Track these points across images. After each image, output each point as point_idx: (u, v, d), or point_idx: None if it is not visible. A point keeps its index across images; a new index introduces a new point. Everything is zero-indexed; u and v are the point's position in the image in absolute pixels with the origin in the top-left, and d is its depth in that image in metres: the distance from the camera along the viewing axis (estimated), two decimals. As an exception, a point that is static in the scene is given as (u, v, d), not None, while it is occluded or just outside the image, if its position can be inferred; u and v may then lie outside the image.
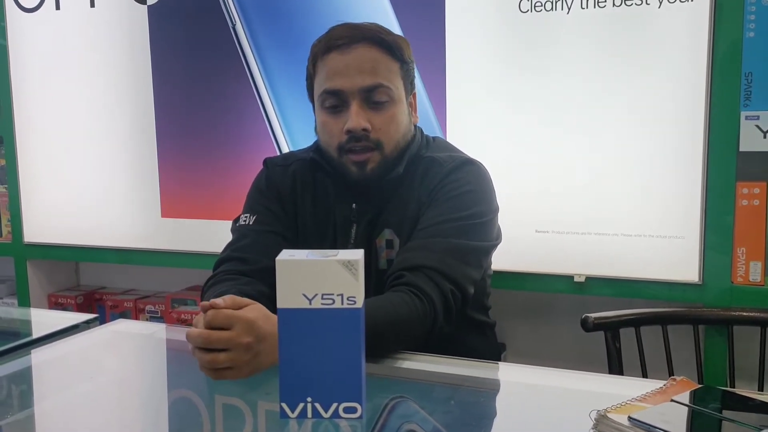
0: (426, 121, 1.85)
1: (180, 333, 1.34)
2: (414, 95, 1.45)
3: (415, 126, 1.45)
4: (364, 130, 1.32)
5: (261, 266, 1.32)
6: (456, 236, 1.29)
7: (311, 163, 1.43)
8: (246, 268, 1.33)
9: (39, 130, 2.35)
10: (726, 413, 0.89)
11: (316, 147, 1.45)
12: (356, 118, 1.31)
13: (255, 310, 1.01)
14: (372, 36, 1.34)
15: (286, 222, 1.42)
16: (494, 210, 1.40)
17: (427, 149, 1.43)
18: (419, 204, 1.36)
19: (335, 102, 1.34)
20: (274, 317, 0.97)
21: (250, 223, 1.40)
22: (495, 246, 1.41)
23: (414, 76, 1.44)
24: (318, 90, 1.37)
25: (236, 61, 2.06)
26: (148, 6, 2.15)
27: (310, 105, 1.42)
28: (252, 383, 1.12)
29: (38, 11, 2.29)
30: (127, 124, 2.23)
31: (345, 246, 1.37)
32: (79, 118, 2.29)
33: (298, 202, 1.43)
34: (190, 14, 2.11)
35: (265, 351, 0.99)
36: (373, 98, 1.33)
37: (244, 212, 1.44)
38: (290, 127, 2.03)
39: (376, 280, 1.34)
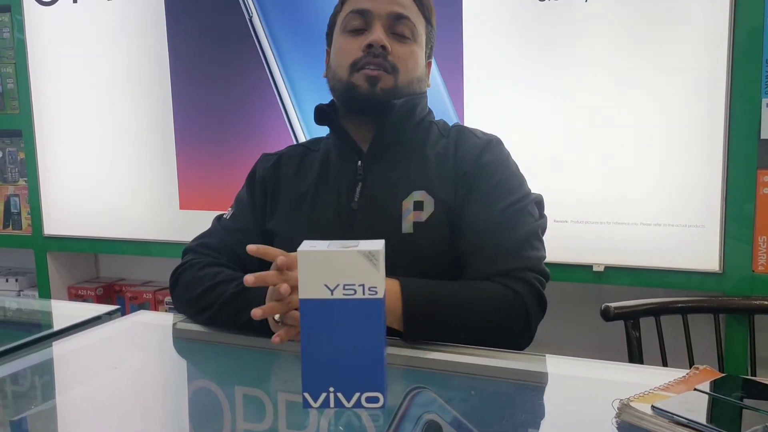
0: (443, 109, 1.84)
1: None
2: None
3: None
4: (383, 47, 1.29)
5: (223, 261, 1.35)
6: (517, 226, 1.26)
7: (318, 115, 1.38)
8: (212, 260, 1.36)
9: (57, 123, 2.37)
10: (749, 402, 0.88)
11: (329, 103, 1.40)
12: (379, 34, 1.29)
13: None
14: None
15: (262, 213, 1.41)
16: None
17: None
18: (456, 164, 1.31)
19: (359, 24, 1.31)
20: None
21: (227, 217, 1.43)
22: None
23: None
24: (342, 16, 1.34)
25: (253, 53, 2.06)
26: (165, -2, 2.16)
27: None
28: (272, 372, 1.13)
29: (55, 5, 2.30)
30: (145, 116, 2.24)
31: (348, 204, 1.32)
32: (97, 111, 2.31)
33: (282, 177, 1.41)
34: (206, 6, 2.11)
35: None
36: (397, 28, 1.31)
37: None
38: (307, 118, 2.02)
39: (400, 245, 1.21)
